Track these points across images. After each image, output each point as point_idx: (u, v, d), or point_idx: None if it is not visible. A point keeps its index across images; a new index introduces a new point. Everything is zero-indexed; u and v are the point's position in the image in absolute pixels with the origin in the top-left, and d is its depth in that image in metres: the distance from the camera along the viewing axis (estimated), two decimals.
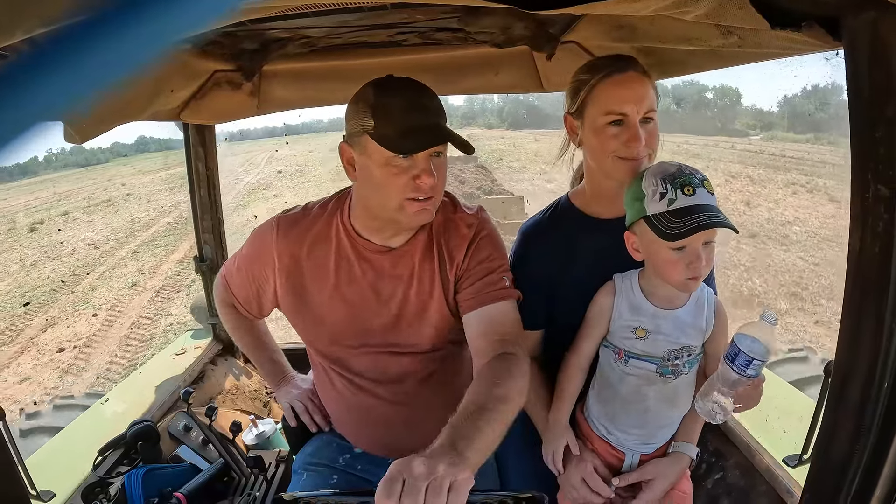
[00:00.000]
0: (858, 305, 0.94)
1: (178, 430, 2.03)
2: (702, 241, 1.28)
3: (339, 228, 1.54)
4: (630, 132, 1.40)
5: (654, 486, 1.46)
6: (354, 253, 1.53)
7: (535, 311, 1.60)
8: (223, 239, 2.83)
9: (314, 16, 1.54)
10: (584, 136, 1.49)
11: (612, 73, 1.41)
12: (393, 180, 1.35)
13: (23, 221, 24.48)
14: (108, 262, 15.18)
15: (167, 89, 1.82)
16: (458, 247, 1.53)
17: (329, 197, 1.63)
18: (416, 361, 1.60)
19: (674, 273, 1.32)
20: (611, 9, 0.96)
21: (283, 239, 1.56)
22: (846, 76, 0.88)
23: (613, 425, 1.51)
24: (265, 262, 1.59)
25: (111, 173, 47.64)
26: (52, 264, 15.77)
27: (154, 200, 26.99)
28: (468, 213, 1.58)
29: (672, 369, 1.42)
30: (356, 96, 1.39)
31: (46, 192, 36.73)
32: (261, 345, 1.94)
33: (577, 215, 1.60)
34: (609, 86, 1.41)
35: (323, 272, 1.55)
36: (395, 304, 1.55)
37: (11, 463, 1.16)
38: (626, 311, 1.44)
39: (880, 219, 0.86)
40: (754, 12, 0.86)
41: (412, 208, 1.38)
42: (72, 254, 16.95)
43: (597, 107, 1.43)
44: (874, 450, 0.95)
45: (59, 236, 19.98)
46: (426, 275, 1.53)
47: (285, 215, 1.61)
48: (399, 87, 1.38)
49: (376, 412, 1.64)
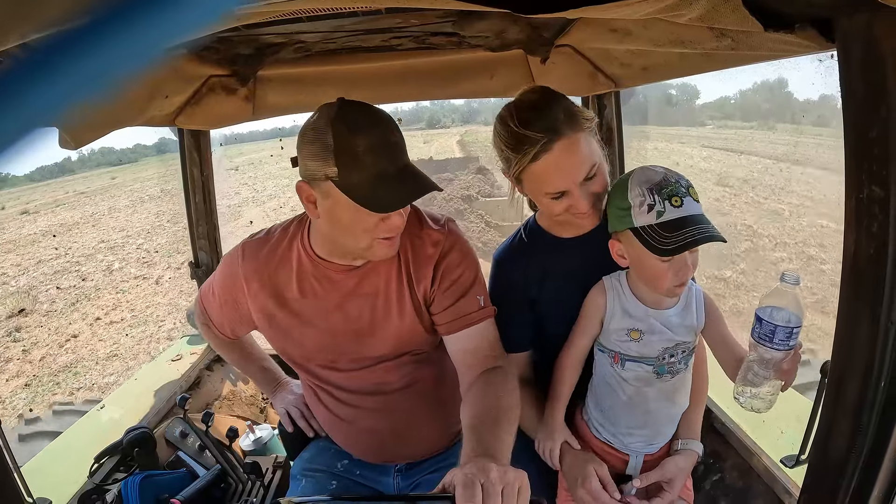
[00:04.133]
0: (854, 305, 0.94)
1: (174, 436, 2.02)
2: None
3: (300, 251, 1.51)
4: (573, 200, 1.37)
5: (675, 485, 1.46)
6: (317, 274, 1.50)
7: (519, 334, 1.60)
8: (219, 245, 2.83)
9: (309, 21, 1.55)
10: (529, 194, 1.48)
11: (539, 155, 1.32)
12: (362, 223, 1.30)
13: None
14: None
15: (162, 95, 1.82)
16: (424, 268, 1.48)
17: (291, 220, 1.59)
18: (393, 373, 1.58)
19: (662, 282, 1.32)
20: (604, 13, 0.96)
21: (249, 263, 1.54)
22: (840, 77, 0.88)
23: (616, 428, 1.51)
24: (235, 287, 1.58)
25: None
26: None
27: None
28: (434, 228, 1.52)
29: (668, 367, 1.42)
30: (312, 133, 1.27)
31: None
32: (247, 357, 1.93)
33: (545, 236, 1.58)
34: (541, 167, 1.34)
35: (288, 294, 1.52)
36: (364, 322, 1.52)
37: (7, 470, 1.16)
38: (619, 313, 1.44)
39: (875, 219, 0.86)
40: (748, 15, 0.86)
41: (381, 247, 1.36)
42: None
43: (533, 185, 1.39)
44: (871, 449, 0.95)
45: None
46: (393, 292, 1.50)
47: (250, 240, 1.59)
48: (359, 125, 1.25)
49: (362, 422, 1.64)
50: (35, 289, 14.75)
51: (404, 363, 1.59)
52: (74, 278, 15.39)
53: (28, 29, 0.60)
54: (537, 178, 1.36)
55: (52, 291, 14.34)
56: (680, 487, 1.47)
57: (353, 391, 1.61)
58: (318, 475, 1.69)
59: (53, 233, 23.81)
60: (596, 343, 1.52)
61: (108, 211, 29.41)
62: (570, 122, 1.31)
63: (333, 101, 1.30)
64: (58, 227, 25.81)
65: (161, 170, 37.87)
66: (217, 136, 2.72)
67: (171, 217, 21.50)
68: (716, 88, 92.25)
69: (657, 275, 1.32)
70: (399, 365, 1.58)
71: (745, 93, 69.03)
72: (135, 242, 19.02)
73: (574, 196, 1.36)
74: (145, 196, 33.46)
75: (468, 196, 14.52)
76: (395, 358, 1.57)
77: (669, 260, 1.28)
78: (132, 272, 15.13)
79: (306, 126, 1.30)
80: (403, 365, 1.59)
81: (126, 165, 68.06)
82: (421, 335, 1.54)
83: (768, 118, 50.10)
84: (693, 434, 1.54)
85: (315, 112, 1.31)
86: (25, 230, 26.20)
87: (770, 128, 45.61)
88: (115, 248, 18.48)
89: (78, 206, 33.87)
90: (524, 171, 1.36)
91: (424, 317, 1.52)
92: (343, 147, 1.23)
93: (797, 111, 51.12)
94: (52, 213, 31.51)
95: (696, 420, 1.56)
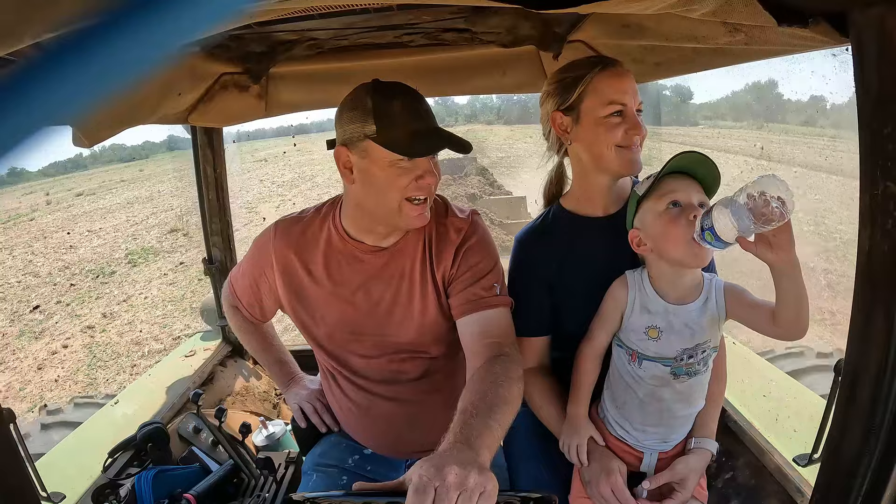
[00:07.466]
0: (869, 303, 0.93)
1: (187, 431, 2.04)
2: (694, 196, 1.34)
3: (331, 230, 1.58)
4: (631, 122, 1.44)
5: (687, 485, 1.44)
6: (346, 253, 1.57)
7: (538, 318, 1.61)
8: (232, 241, 2.84)
9: (321, 18, 1.55)
10: (580, 131, 1.49)
11: (607, 67, 1.46)
12: (396, 181, 1.39)
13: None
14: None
15: (174, 92, 1.83)
16: (445, 251, 1.54)
17: (324, 202, 1.68)
18: (411, 361, 1.63)
19: (678, 233, 1.32)
20: (617, 8, 0.96)
21: (280, 240, 1.61)
22: (854, 72, 0.87)
23: (630, 425, 1.50)
24: (265, 264, 1.65)
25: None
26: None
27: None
28: (459, 217, 1.60)
29: (686, 369, 1.40)
30: (351, 102, 1.41)
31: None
32: (268, 347, 1.96)
33: (570, 218, 1.60)
34: (608, 77, 1.45)
35: (316, 272, 1.59)
36: (386, 304, 1.57)
37: (22, 465, 1.17)
38: (638, 309, 1.44)
39: (889, 216, 0.85)
40: (761, 9, 0.86)
41: (411, 212, 1.43)
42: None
43: (597, 98, 1.45)
44: (885, 448, 0.94)
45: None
46: (418, 275, 1.55)
47: (283, 219, 1.67)
48: (395, 92, 1.40)
49: (377, 410, 1.66)
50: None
51: (424, 354, 1.63)
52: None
53: (41, 29, 0.61)
54: (606, 87, 1.44)
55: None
56: (692, 487, 1.46)
57: (372, 378, 1.65)
58: (329, 470, 1.70)
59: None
60: (615, 338, 1.51)
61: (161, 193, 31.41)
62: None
63: (369, 81, 1.44)
64: (133, 199, 29.44)
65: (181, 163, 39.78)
66: (228, 133, 2.74)
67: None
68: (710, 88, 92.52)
69: (670, 227, 1.33)
70: (419, 355, 1.62)
71: (737, 93, 70.55)
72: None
73: (631, 116, 1.44)
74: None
75: (472, 195, 14.58)
76: (413, 351, 1.61)
77: (676, 205, 1.34)
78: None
79: (345, 100, 1.44)
80: (423, 356, 1.63)
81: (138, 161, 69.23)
82: (440, 324, 1.58)
83: (757, 118, 51.41)
84: (707, 433, 1.52)
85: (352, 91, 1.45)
86: (99, 204, 29.36)
87: (759, 127, 46.80)
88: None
89: (123, 191, 36.14)
90: (592, 82, 1.45)
91: (443, 302, 1.56)
92: (381, 108, 1.36)
93: (789, 111, 51.64)
94: (113, 194, 33.92)
95: (711, 419, 1.54)
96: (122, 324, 10.80)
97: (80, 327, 10.78)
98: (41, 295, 13.30)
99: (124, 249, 17.25)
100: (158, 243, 17.54)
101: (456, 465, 0.95)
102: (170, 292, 12.26)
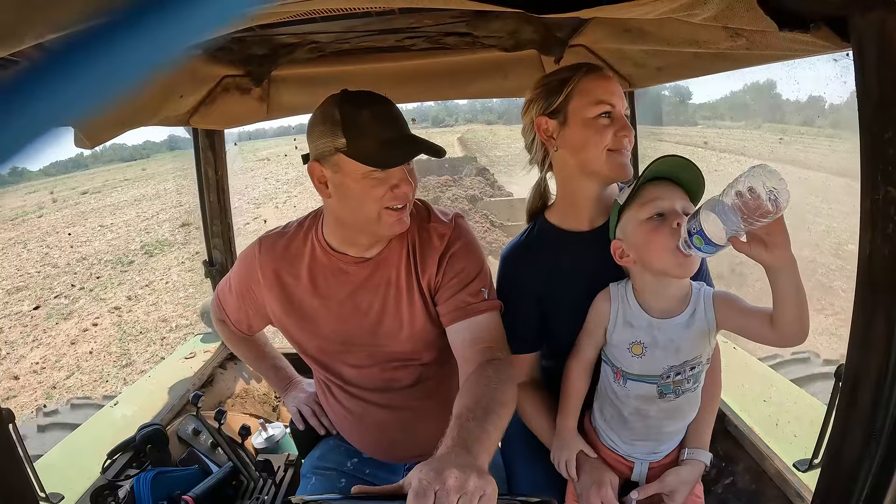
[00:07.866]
0: (869, 308, 0.93)
1: (187, 433, 2.04)
2: (678, 203, 1.29)
3: (315, 244, 1.57)
4: (620, 123, 1.42)
5: (676, 497, 1.43)
6: (330, 266, 1.55)
7: (526, 334, 1.59)
8: (233, 244, 2.84)
9: (322, 21, 1.55)
10: (567, 135, 1.46)
11: (592, 70, 1.45)
12: (371, 192, 1.37)
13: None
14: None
15: (176, 95, 1.83)
16: (430, 259, 1.53)
17: (307, 215, 1.66)
18: (403, 369, 1.62)
19: (661, 242, 1.27)
20: (619, 12, 0.96)
21: (265, 256, 1.60)
22: (855, 77, 0.87)
23: (619, 438, 1.49)
24: (252, 280, 1.63)
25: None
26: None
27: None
28: (442, 222, 1.57)
29: (673, 387, 1.37)
30: (320, 115, 1.38)
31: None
32: (261, 355, 1.96)
33: (556, 232, 1.57)
34: (595, 79, 1.43)
35: (302, 286, 1.57)
36: (375, 314, 1.56)
37: (21, 465, 1.17)
38: (621, 323, 1.41)
39: (890, 221, 0.85)
40: (762, 14, 0.86)
41: (390, 219, 1.41)
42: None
43: (585, 98, 1.43)
44: (885, 453, 0.94)
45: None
46: (404, 284, 1.54)
47: (267, 234, 1.65)
48: (363, 101, 1.37)
49: (371, 418, 1.66)
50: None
51: (415, 362, 1.62)
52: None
53: (42, 30, 0.61)
54: (594, 88, 1.43)
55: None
56: (682, 499, 1.44)
57: (364, 386, 1.64)
58: (327, 473, 1.70)
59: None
60: (602, 352, 1.50)
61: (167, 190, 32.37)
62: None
63: (338, 92, 1.41)
64: (140, 196, 31.24)
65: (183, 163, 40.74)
66: (230, 136, 2.74)
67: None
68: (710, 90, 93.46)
69: (653, 236, 1.29)
70: (410, 363, 1.62)
71: (735, 93, 71.79)
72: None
73: (619, 118, 1.43)
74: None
75: (473, 196, 14.55)
76: (405, 359, 1.60)
77: (661, 216, 1.29)
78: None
79: (314, 113, 1.41)
80: (414, 363, 1.62)
81: (140, 161, 69.60)
82: (430, 331, 1.57)
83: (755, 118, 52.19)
84: (701, 444, 1.49)
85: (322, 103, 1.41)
86: (106, 202, 30.95)
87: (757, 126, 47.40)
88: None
89: (128, 189, 37.36)
90: (580, 84, 1.43)
91: (431, 309, 1.55)
92: (349, 120, 1.33)
93: (787, 112, 52.05)
94: (119, 192, 35.42)
95: (705, 428, 1.51)
96: (147, 304, 11.32)
97: (107, 308, 11.30)
98: (63, 283, 13.71)
99: (139, 242, 17.89)
100: (172, 236, 18.06)
101: (456, 469, 0.95)
102: (190, 277, 12.61)
